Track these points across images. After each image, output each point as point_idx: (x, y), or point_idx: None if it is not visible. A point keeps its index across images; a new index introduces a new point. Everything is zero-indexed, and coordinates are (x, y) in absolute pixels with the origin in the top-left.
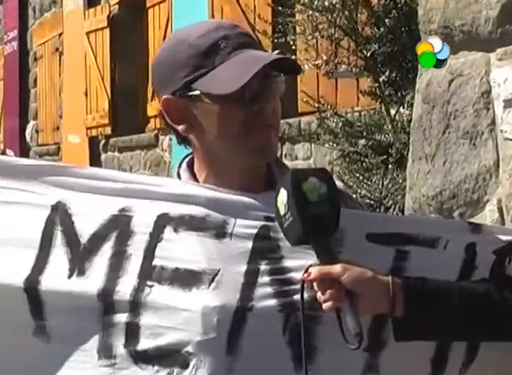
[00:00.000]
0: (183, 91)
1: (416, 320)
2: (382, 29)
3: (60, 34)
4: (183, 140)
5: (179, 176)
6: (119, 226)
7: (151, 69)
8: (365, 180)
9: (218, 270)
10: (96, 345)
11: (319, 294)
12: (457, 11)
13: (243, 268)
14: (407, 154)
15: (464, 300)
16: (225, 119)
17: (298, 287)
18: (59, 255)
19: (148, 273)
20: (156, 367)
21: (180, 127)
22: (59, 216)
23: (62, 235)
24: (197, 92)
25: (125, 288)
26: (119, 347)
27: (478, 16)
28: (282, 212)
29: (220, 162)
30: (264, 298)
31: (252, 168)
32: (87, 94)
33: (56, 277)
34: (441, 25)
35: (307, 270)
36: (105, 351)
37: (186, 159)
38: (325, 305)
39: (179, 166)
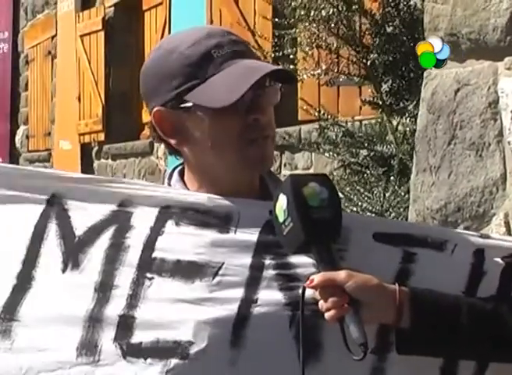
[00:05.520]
0: (174, 103)
1: (421, 334)
2: (383, 37)
3: (53, 37)
4: (174, 151)
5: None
6: (119, 221)
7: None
8: (366, 193)
9: (223, 263)
10: (77, 342)
11: (321, 302)
12: (465, 18)
13: (248, 261)
14: (410, 166)
15: (472, 318)
16: (220, 131)
17: (303, 283)
18: (51, 248)
19: (148, 265)
20: (149, 360)
21: (173, 141)
22: (55, 210)
23: (56, 228)
24: (190, 104)
25: (123, 281)
26: (106, 342)
27: (486, 24)
28: (281, 218)
29: (213, 174)
30: (270, 292)
31: (246, 180)
32: (80, 99)
33: (49, 271)
34: (447, 33)
35: (308, 279)
36: (87, 348)
37: (177, 169)
38: (327, 315)
39: (170, 177)
